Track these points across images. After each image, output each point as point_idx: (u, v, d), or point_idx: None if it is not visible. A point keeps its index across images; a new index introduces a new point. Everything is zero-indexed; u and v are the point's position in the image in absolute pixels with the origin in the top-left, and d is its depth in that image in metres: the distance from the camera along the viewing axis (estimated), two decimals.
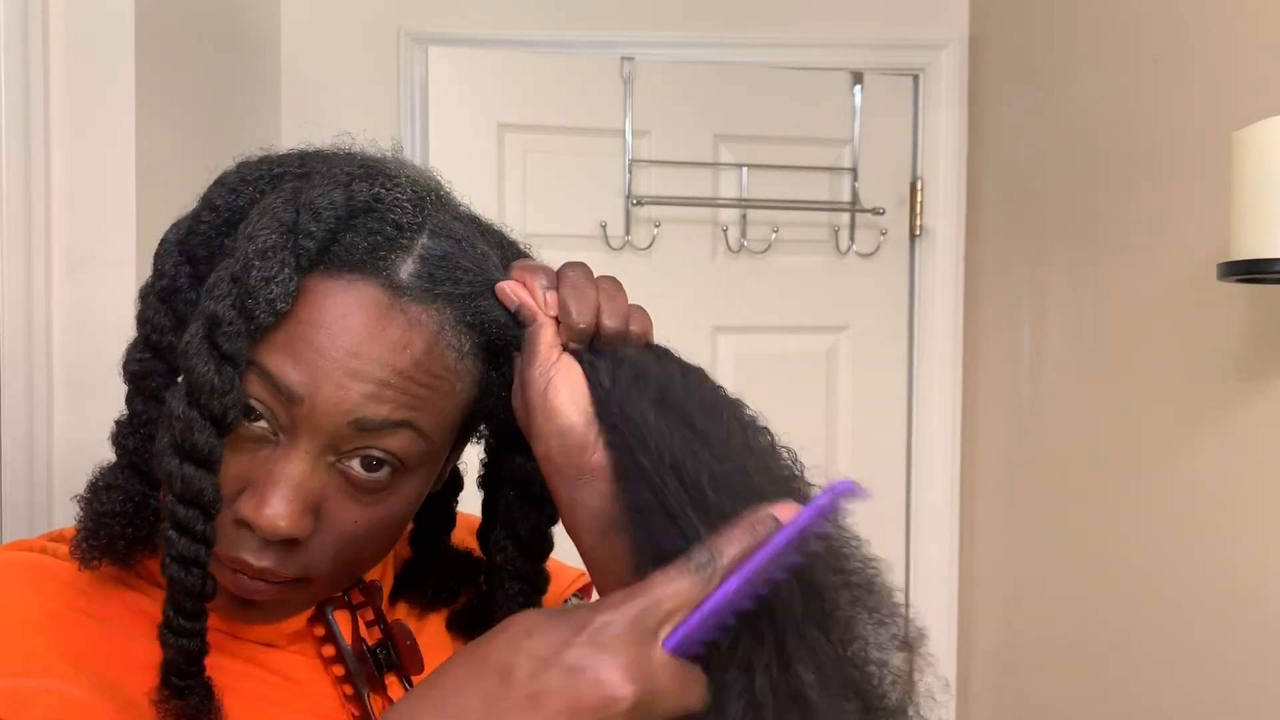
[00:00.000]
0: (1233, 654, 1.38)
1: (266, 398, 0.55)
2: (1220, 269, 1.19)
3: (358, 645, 0.65)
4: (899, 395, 2.14)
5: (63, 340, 1.25)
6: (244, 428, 0.55)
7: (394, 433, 0.56)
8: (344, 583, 0.63)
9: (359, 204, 0.57)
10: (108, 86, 1.27)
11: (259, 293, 0.54)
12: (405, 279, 0.57)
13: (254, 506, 0.55)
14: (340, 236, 0.57)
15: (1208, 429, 1.43)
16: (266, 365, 0.55)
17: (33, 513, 1.21)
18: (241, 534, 0.56)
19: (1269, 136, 1.11)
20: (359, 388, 0.55)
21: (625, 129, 1.98)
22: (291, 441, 0.56)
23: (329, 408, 0.55)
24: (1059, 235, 1.80)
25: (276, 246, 0.55)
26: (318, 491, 0.56)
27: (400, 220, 0.58)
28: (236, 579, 0.57)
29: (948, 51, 2.08)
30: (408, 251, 0.57)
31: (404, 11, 1.98)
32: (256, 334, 0.54)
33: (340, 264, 0.56)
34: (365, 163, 0.60)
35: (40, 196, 1.22)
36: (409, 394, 0.56)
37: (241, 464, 0.56)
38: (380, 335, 0.55)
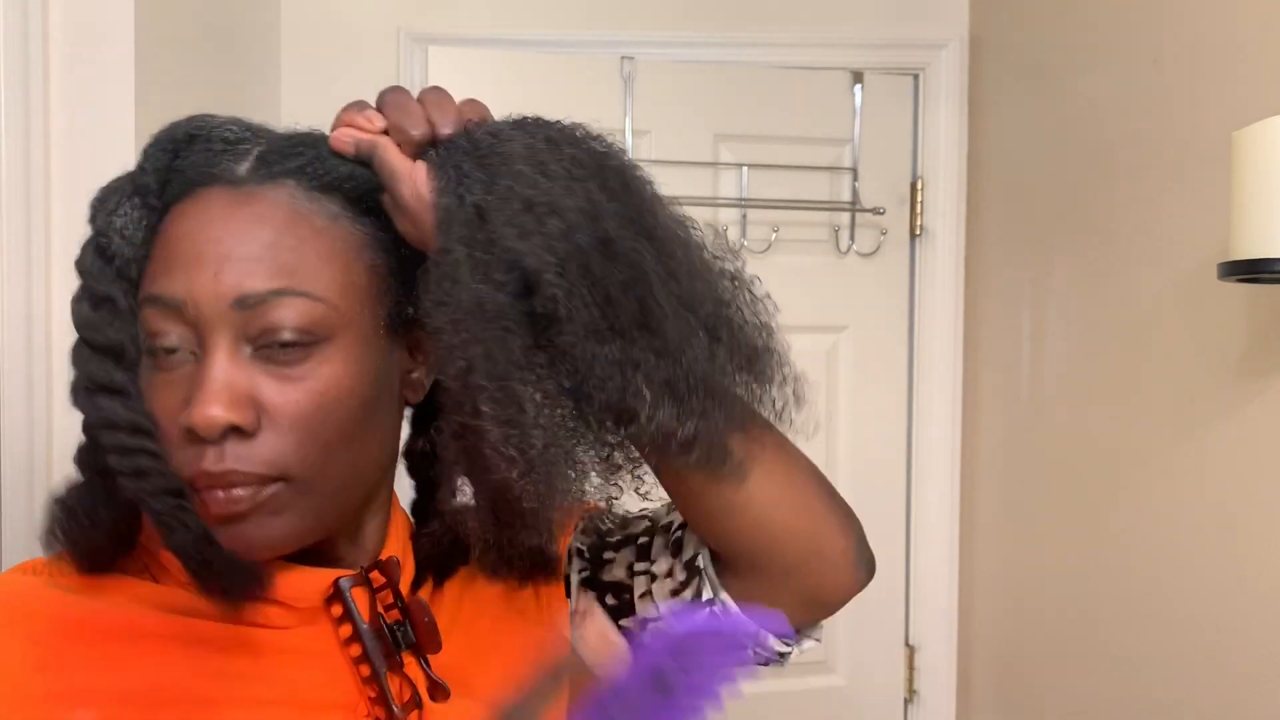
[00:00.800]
0: (1233, 653, 1.38)
1: (165, 322, 0.58)
2: (1220, 269, 1.19)
3: (375, 623, 0.65)
4: (899, 395, 2.14)
5: (63, 340, 1.25)
6: (167, 360, 0.59)
7: (280, 302, 0.58)
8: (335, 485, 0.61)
9: (180, 136, 0.62)
10: (108, 86, 1.27)
11: (109, 230, 0.60)
12: (243, 173, 0.61)
13: (188, 412, 0.57)
14: (174, 165, 0.61)
15: (1208, 429, 1.43)
16: (151, 291, 0.59)
17: (33, 513, 1.21)
18: (197, 449, 0.57)
19: (1269, 136, 1.11)
20: (229, 270, 0.58)
21: (625, 129, 1.98)
22: (203, 349, 0.58)
23: (210, 298, 0.57)
24: (1059, 235, 1.80)
25: (115, 189, 0.62)
26: (244, 381, 0.58)
27: (228, 137, 0.62)
28: (212, 496, 0.58)
29: (948, 51, 2.08)
30: (243, 156, 0.61)
31: (404, 11, 1.98)
32: (123, 270, 0.60)
33: (184, 185, 0.61)
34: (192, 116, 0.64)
35: (40, 196, 1.22)
36: (279, 262, 0.58)
37: (178, 390, 0.58)
38: (233, 219, 0.59)
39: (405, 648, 0.65)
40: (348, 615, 0.64)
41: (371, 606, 0.65)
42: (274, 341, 0.58)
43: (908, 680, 2.14)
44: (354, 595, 0.64)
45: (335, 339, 0.60)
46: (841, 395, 2.11)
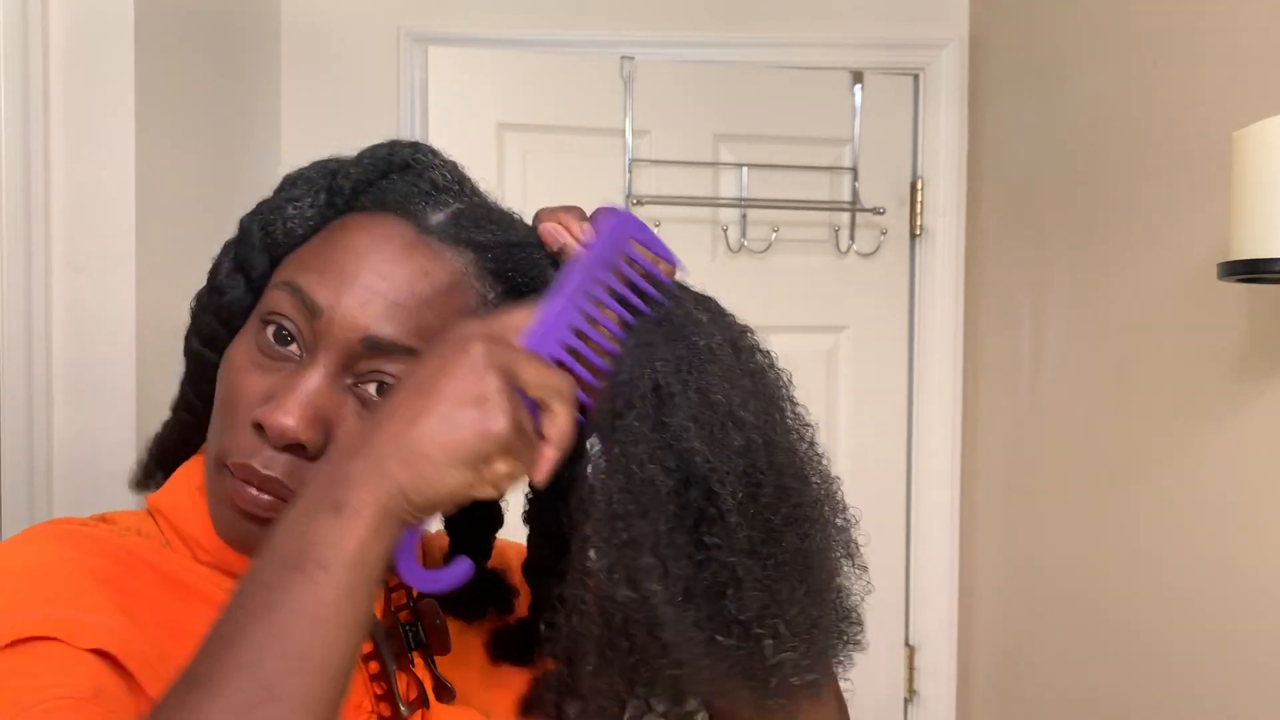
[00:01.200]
0: (1233, 654, 1.38)
1: (294, 314, 0.59)
2: (1220, 269, 1.19)
3: (388, 620, 0.65)
4: (899, 395, 2.13)
5: (63, 340, 1.25)
6: (272, 348, 0.60)
7: (404, 358, 0.59)
8: None
9: (398, 160, 0.64)
10: (108, 86, 1.27)
11: (280, 211, 0.62)
12: (433, 224, 0.61)
13: (268, 410, 0.58)
14: (378, 183, 0.63)
15: (1208, 429, 1.43)
16: (297, 281, 0.60)
17: (33, 513, 1.21)
18: (256, 442, 0.59)
19: (1269, 136, 1.11)
20: (376, 304, 0.58)
21: (625, 129, 1.98)
22: (313, 357, 0.59)
23: (346, 321, 0.58)
24: (1059, 235, 1.80)
25: (309, 179, 0.63)
26: (329, 407, 0.59)
27: (438, 181, 0.64)
28: (244, 491, 0.59)
29: (948, 51, 2.08)
30: (441, 206, 0.62)
31: (404, 11, 1.98)
32: (273, 250, 0.62)
33: (375, 204, 0.62)
34: (419, 143, 0.67)
35: (40, 197, 1.22)
36: (422, 321, 0.59)
37: (268, 380, 0.60)
38: (404, 260, 0.60)
39: (415, 648, 0.66)
40: None
41: (385, 605, 0.66)
42: (377, 380, 0.59)
43: (908, 680, 2.14)
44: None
45: None
46: (841, 395, 2.11)
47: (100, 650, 0.53)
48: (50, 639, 0.52)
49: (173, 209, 1.39)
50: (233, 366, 0.61)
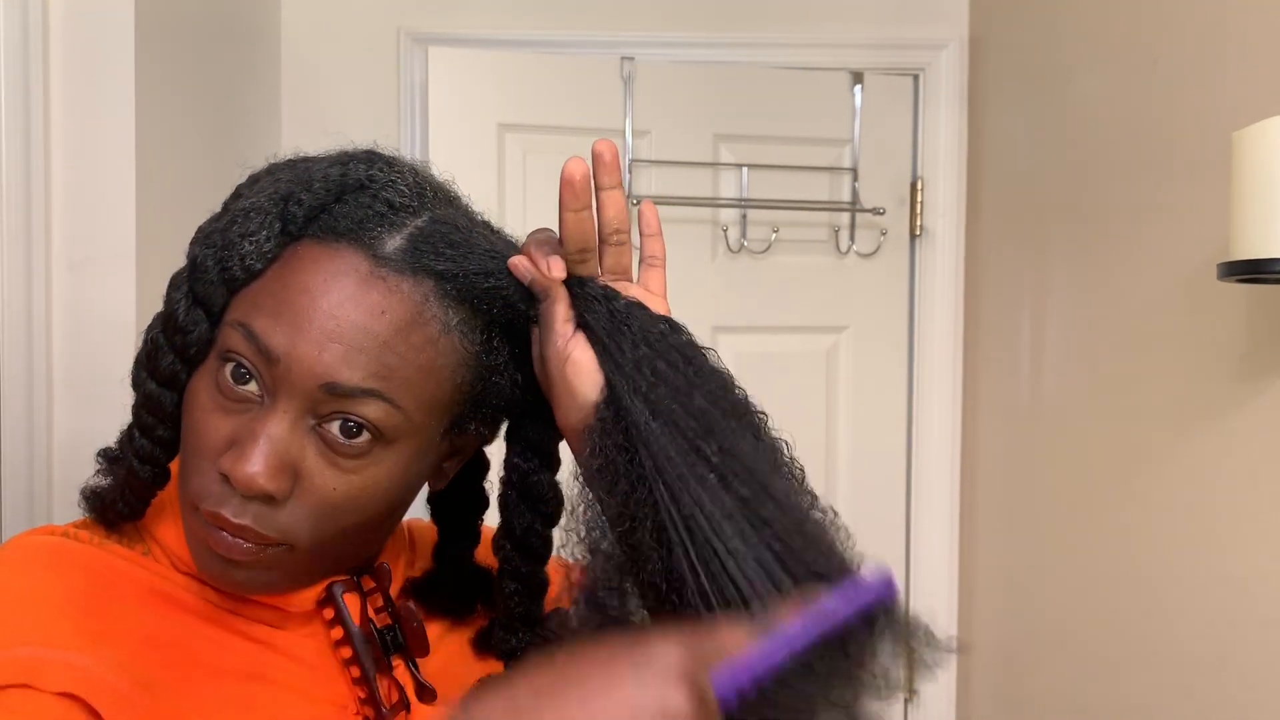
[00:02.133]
0: (1232, 654, 1.38)
1: (251, 356, 0.58)
2: (1220, 269, 1.19)
3: (366, 627, 0.66)
4: (899, 395, 2.13)
5: (63, 340, 1.25)
6: (234, 390, 0.58)
7: (366, 400, 0.58)
8: (330, 557, 0.63)
9: (352, 180, 0.61)
10: (108, 86, 1.27)
11: (235, 247, 0.59)
12: (389, 251, 0.59)
13: (233, 460, 0.57)
14: (331, 207, 0.60)
15: (1208, 429, 1.43)
16: (252, 325, 0.58)
17: (33, 513, 1.21)
18: (224, 490, 0.58)
19: (1269, 136, 1.11)
20: (333, 349, 0.57)
21: (625, 129, 1.98)
22: (273, 402, 0.58)
23: (303, 369, 0.57)
24: (1059, 235, 1.80)
25: (263, 209, 0.59)
26: (295, 452, 0.58)
27: (394, 200, 0.60)
28: (218, 535, 0.58)
29: (948, 51, 2.08)
30: (398, 229, 0.60)
31: (404, 11, 1.98)
32: (231, 284, 0.59)
33: (328, 232, 0.59)
34: (375, 153, 0.63)
35: (40, 196, 1.22)
36: (382, 362, 0.58)
37: (230, 424, 0.58)
38: (359, 299, 0.58)
39: (394, 651, 0.66)
40: (339, 619, 0.65)
41: (363, 611, 0.66)
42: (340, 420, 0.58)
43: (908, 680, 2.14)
44: (345, 600, 0.65)
45: (395, 444, 0.60)
46: (841, 395, 2.11)
47: (69, 694, 0.53)
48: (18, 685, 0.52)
49: (173, 209, 1.39)
50: (197, 405, 0.59)
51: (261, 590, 0.62)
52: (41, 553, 0.62)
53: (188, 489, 0.60)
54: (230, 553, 0.59)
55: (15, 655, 0.53)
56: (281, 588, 0.63)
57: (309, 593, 0.64)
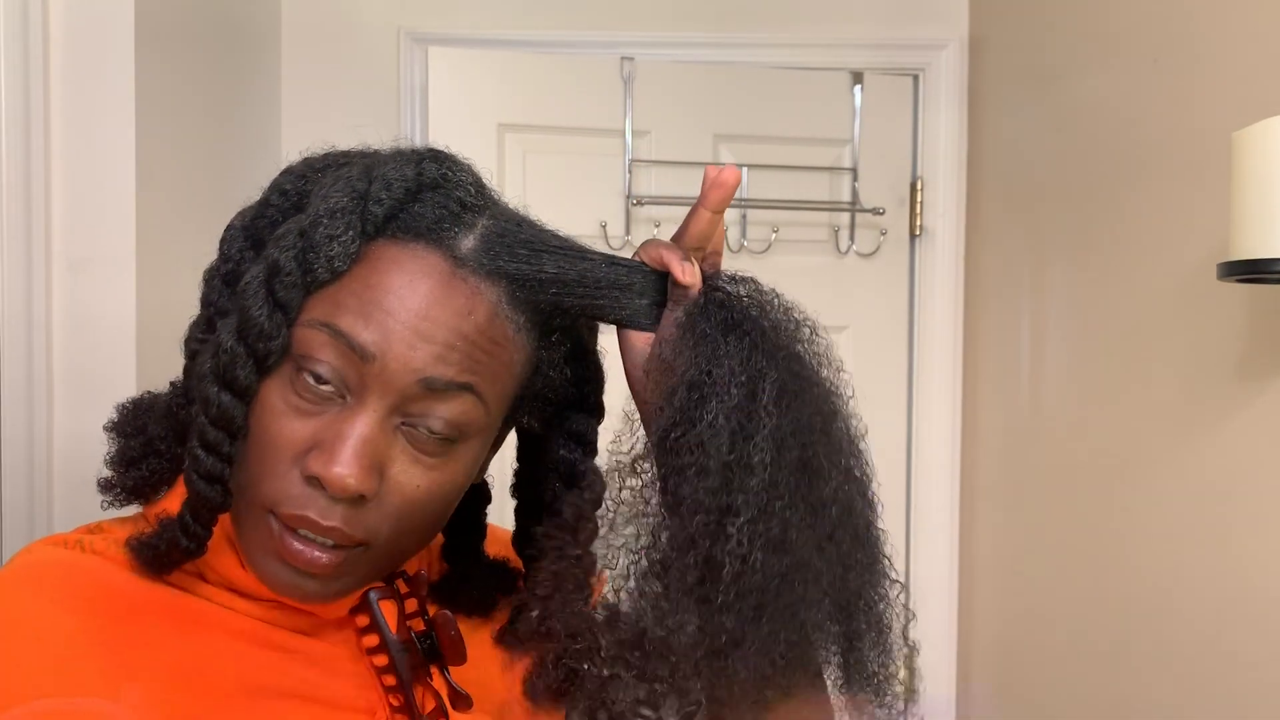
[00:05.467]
0: (1232, 653, 1.38)
1: (336, 359, 0.58)
2: (1220, 269, 1.19)
3: (403, 634, 0.65)
4: (899, 395, 2.13)
5: (63, 340, 1.25)
6: (311, 390, 0.58)
7: (458, 395, 0.59)
8: (397, 557, 0.63)
9: (428, 179, 0.61)
10: (108, 86, 1.27)
11: (321, 248, 0.58)
12: (466, 251, 0.60)
13: (324, 463, 0.56)
14: (408, 207, 0.60)
15: (1208, 429, 1.43)
16: (339, 325, 0.58)
17: (33, 512, 1.21)
18: (310, 493, 0.57)
19: (1269, 136, 1.11)
20: (427, 348, 0.57)
21: (625, 129, 1.98)
22: (360, 401, 0.58)
23: (400, 366, 0.57)
24: (1059, 235, 1.80)
25: (345, 209, 0.59)
26: (384, 451, 0.58)
27: (465, 199, 0.61)
28: (294, 547, 0.58)
29: (948, 51, 2.08)
30: (470, 228, 0.61)
31: (404, 11, 1.98)
32: (311, 287, 0.58)
33: (406, 232, 0.60)
34: (439, 153, 0.65)
35: (40, 196, 1.22)
36: (472, 358, 0.59)
37: (310, 425, 0.58)
38: (446, 300, 0.58)
39: (431, 660, 0.66)
40: (374, 626, 0.64)
41: (399, 618, 0.66)
42: (426, 421, 0.59)
43: (907, 680, 2.14)
44: (381, 607, 0.65)
45: (473, 439, 0.61)
46: None
47: None
48: None
49: (173, 208, 1.39)
50: (268, 410, 0.58)
51: (330, 599, 0.61)
52: (52, 575, 0.60)
53: (261, 494, 0.58)
54: (311, 566, 0.58)
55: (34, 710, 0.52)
56: (348, 592, 0.62)
57: (344, 600, 0.64)
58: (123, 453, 0.65)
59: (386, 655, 0.64)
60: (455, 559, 0.73)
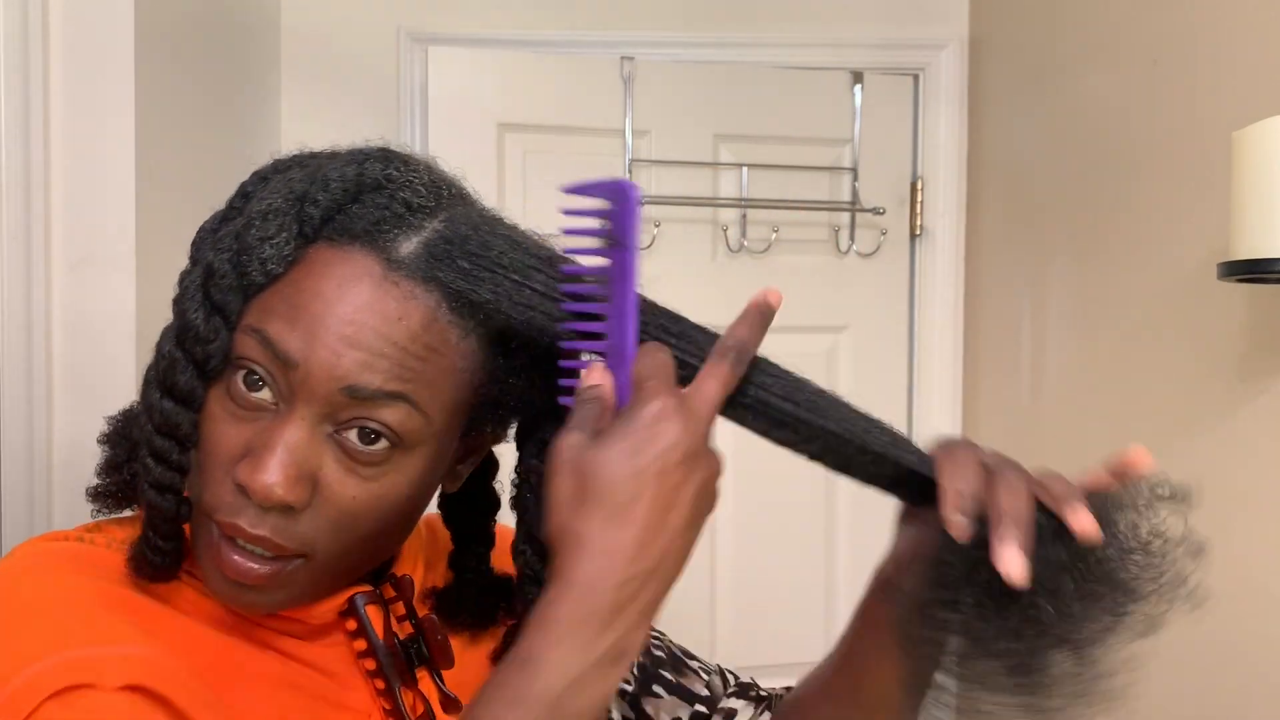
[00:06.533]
0: (1232, 653, 1.38)
1: (266, 362, 0.56)
2: (1220, 269, 1.19)
3: (389, 639, 0.65)
4: (899, 395, 2.13)
5: (63, 340, 1.25)
6: (244, 397, 0.57)
7: (388, 404, 0.57)
8: (348, 568, 0.62)
9: (369, 180, 0.59)
10: (108, 86, 1.27)
11: (254, 251, 0.57)
12: (403, 255, 0.57)
13: (249, 471, 0.55)
14: (347, 208, 0.58)
15: (1208, 429, 1.43)
16: (266, 330, 0.56)
17: (33, 512, 1.21)
18: (240, 500, 0.56)
19: (1269, 136, 1.11)
20: (353, 355, 0.56)
21: (625, 129, 1.98)
22: (289, 409, 0.56)
23: (323, 373, 0.55)
24: (1059, 235, 1.80)
25: (280, 210, 0.57)
26: (314, 460, 0.56)
27: (411, 201, 0.59)
28: (230, 559, 0.57)
29: (948, 51, 2.08)
30: (415, 231, 0.58)
31: (404, 11, 1.98)
32: (249, 290, 0.57)
33: (343, 234, 0.57)
34: (390, 151, 0.62)
35: (40, 196, 1.22)
36: (404, 366, 0.57)
37: (244, 432, 0.57)
38: (375, 305, 0.56)
39: (419, 664, 0.66)
40: (362, 631, 0.64)
41: (385, 623, 0.65)
42: (359, 427, 0.57)
43: None
44: (368, 612, 0.64)
45: (415, 449, 0.59)
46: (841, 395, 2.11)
47: (133, 685, 0.52)
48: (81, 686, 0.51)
49: (173, 209, 1.39)
50: (208, 416, 0.58)
51: (276, 608, 0.61)
52: (63, 557, 0.60)
53: (201, 502, 0.58)
54: (244, 577, 0.57)
55: (69, 658, 0.52)
56: (297, 603, 0.61)
57: (330, 604, 0.63)
58: (109, 460, 0.64)
59: (374, 659, 0.64)
60: (460, 571, 0.73)
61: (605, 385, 0.57)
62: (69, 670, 0.52)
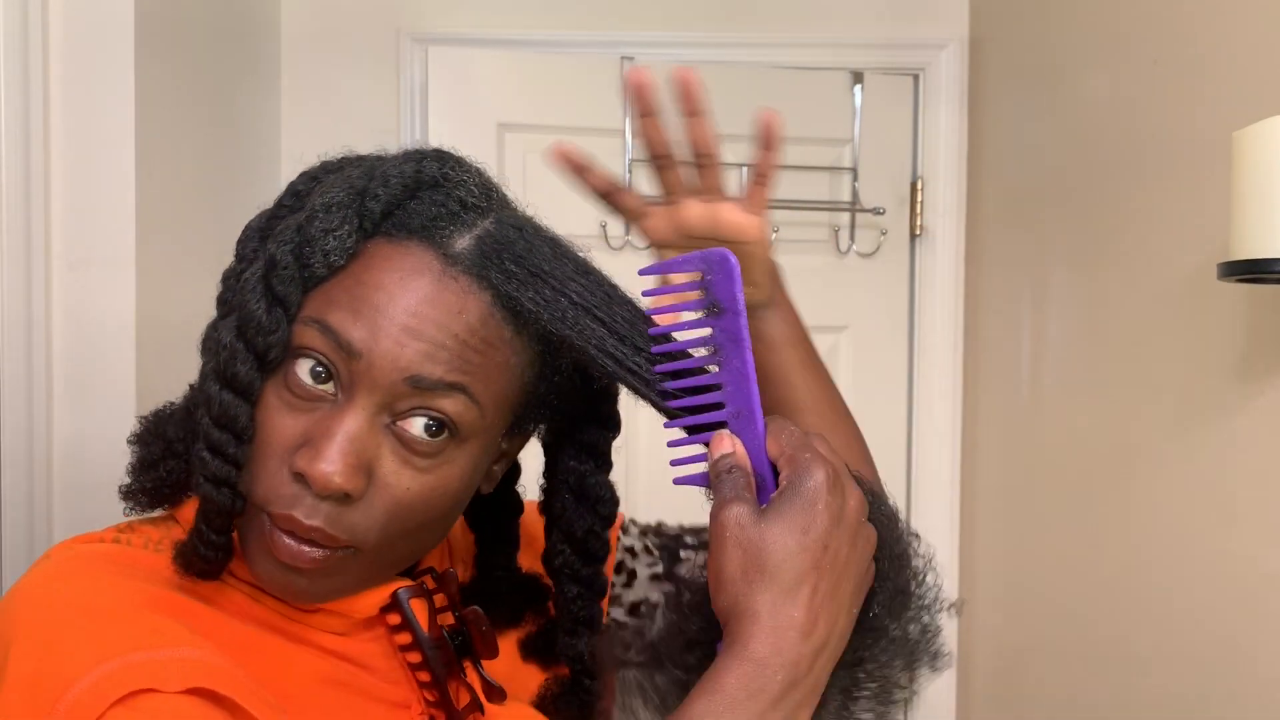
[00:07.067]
0: (1232, 653, 1.38)
1: (328, 352, 0.57)
2: (1220, 269, 1.19)
3: (435, 631, 0.65)
4: (899, 395, 2.13)
5: (63, 340, 1.25)
6: (303, 387, 0.58)
7: (448, 395, 0.58)
8: (393, 560, 0.62)
9: (427, 177, 0.61)
10: (107, 87, 1.27)
11: (317, 243, 0.58)
12: (459, 250, 0.59)
13: (309, 459, 0.56)
14: (405, 204, 0.60)
15: (1208, 429, 1.43)
16: (329, 321, 0.57)
17: (33, 512, 1.21)
18: (296, 491, 0.57)
19: (1269, 136, 1.11)
20: (416, 346, 0.57)
21: (625, 129, 1.98)
22: (349, 399, 0.57)
23: (386, 363, 0.56)
24: (1059, 235, 1.80)
25: (342, 204, 0.59)
26: (372, 450, 0.57)
27: (465, 199, 0.61)
28: (283, 542, 0.57)
29: (948, 51, 2.08)
30: (468, 228, 0.60)
31: (404, 11, 1.98)
32: (310, 282, 0.58)
33: (401, 229, 0.59)
34: (445, 152, 0.64)
35: (40, 196, 1.22)
36: (463, 358, 0.58)
37: (301, 422, 0.58)
38: (436, 299, 0.58)
39: (463, 656, 0.66)
40: (407, 624, 0.64)
41: (430, 616, 0.65)
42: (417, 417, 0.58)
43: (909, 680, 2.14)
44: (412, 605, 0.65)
45: (467, 442, 0.60)
46: None
47: (196, 689, 0.52)
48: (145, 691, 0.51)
49: (173, 209, 1.39)
50: (265, 406, 0.58)
51: (323, 598, 0.61)
52: (104, 560, 0.60)
53: (254, 492, 0.58)
54: (296, 560, 0.57)
55: (130, 662, 0.52)
56: (343, 593, 0.62)
57: (372, 599, 0.63)
58: (142, 458, 0.64)
59: (419, 652, 0.64)
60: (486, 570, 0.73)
61: (740, 452, 0.58)
62: (132, 674, 0.52)
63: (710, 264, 0.59)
